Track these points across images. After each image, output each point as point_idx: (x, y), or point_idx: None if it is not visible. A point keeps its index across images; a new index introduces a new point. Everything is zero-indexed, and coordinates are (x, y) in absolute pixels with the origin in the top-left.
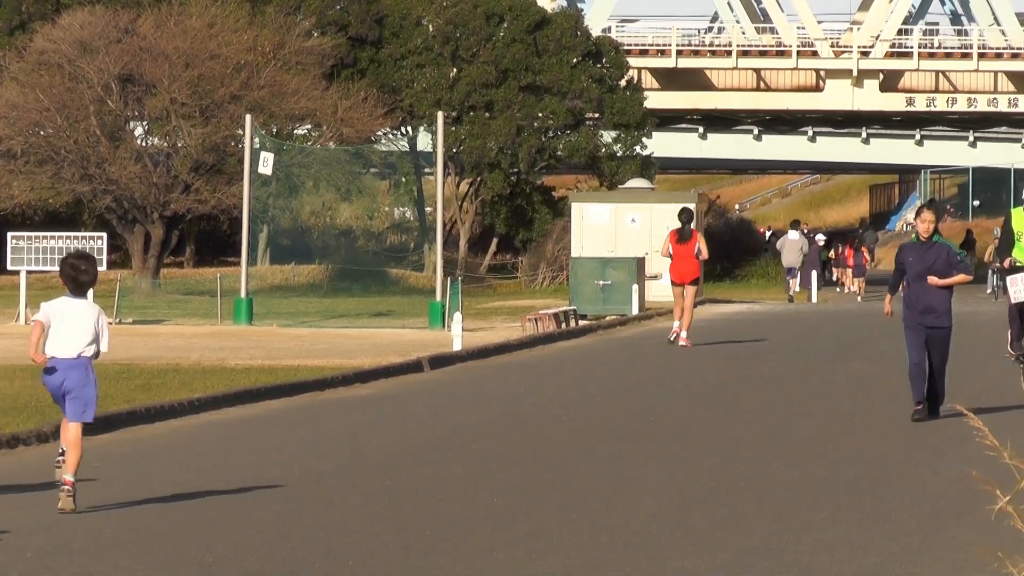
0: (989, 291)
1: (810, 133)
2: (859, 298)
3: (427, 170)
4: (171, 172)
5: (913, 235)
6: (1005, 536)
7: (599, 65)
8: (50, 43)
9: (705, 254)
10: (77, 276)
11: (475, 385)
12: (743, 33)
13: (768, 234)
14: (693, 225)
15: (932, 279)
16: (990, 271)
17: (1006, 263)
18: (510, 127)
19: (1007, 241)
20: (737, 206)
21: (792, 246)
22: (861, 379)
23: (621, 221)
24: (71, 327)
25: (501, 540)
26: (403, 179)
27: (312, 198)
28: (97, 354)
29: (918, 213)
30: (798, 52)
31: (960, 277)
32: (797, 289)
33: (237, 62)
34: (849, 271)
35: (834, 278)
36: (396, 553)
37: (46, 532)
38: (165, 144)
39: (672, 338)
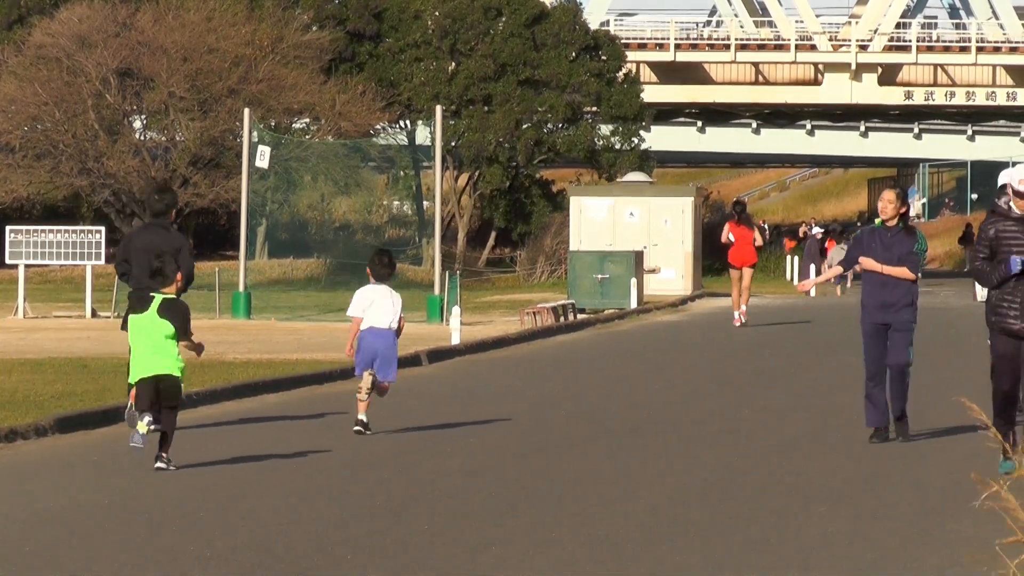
0: (979, 299)
1: (808, 127)
2: (838, 289)
3: (425, 164)
4: (169, 166)
5: (876, 220)
6: (1003, 530)
7: (596, 59)
8: (48, 37)
9: (759, 241)
10: (378, 268)
11: (473, 379)
12: (741, 27)
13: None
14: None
15: (868, 261)
16: None
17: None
18: (509, 121)
19: None
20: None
21: (833, 254)
22: (857, 372)
23: (620, 215)
24: (381, 306)
25: (499, 534)
26: (401, 173)
27: (310, 192)
28: (399, 330)
29: (880, 195)
30: (796, 46)
31: (903, 271)
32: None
33: (235, 56)
34: None
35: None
36: (394, 547)
37: (41, 526)
38: (163, 138)
39: (737, 324)
